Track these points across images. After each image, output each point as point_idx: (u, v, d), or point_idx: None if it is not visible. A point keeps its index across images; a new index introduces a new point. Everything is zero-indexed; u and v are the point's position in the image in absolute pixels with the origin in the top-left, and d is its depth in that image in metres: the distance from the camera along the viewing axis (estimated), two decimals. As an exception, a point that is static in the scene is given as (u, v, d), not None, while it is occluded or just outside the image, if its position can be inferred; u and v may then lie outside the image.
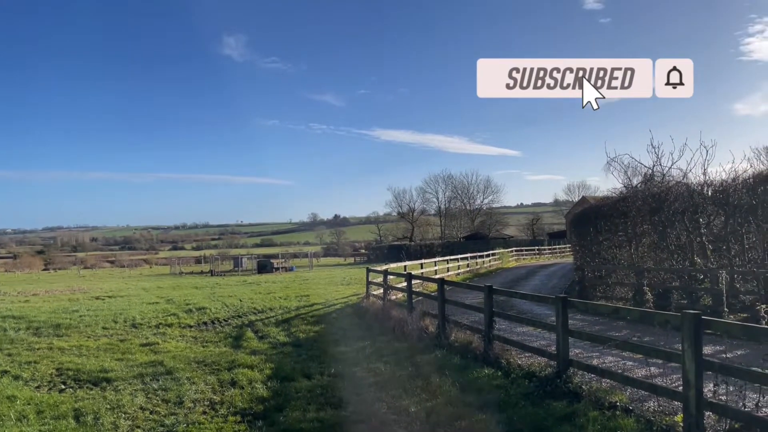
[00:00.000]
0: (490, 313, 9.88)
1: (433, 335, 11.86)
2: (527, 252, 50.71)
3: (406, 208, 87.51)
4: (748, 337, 5.53)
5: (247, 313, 17.25)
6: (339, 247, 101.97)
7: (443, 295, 11.94)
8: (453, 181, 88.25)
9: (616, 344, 7.09)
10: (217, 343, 12.70)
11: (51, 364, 10.53)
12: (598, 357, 9.31)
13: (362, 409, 7.38)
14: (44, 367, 10.28)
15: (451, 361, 9.65)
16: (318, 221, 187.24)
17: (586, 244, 18.47)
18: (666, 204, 14.54)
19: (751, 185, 12.86)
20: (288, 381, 8.85)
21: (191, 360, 10.62)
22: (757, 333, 5.20)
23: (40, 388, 9.03)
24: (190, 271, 55.59)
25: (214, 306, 18.71)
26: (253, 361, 10.29)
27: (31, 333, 14.23)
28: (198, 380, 9.05)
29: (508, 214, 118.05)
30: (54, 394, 8.52)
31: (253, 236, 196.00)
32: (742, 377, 5.16)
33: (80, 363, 10.58)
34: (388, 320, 14.15)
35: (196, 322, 15.83)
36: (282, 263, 50.38)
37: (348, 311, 17.20)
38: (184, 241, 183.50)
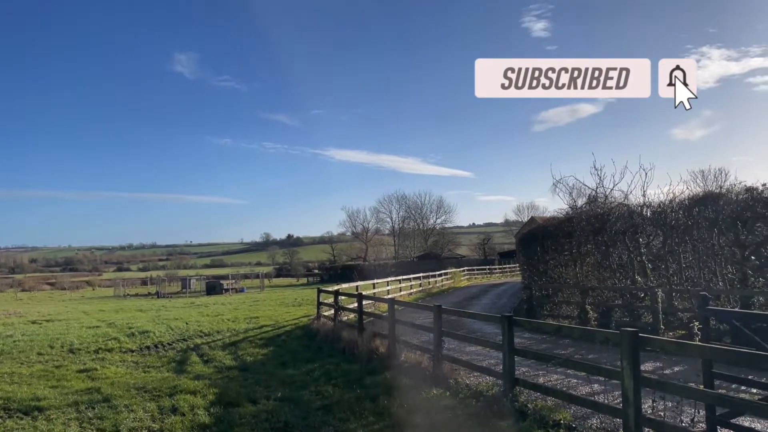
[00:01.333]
0: (440, 333, 9.89)
1: (383, 356, 11.77)
2: (478, 271, 51.36)
3: (360, 227, 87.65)
4: (682, 353, 5.71)
5: (192, 337, 16.71)
6: (292, 267, 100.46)
7: (393, 315, 11.90)
8: (407, 201, 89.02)
9: (560, 362, 7.21)
10: (159, 368, 12.23)
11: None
12: (545, 375, 9.45)
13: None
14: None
15: (400, 382, 9.58)
16: (271, 241, 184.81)
17: (533, 263, 18.85)
18: (608, 224, 15.03)
19: (686, 206, 13.44)
20: (232, 406, 8.56)
21: (131, 386, 10.16)
22: (689, 349, 5.38)
23: (-36, 419, 8.44)
24: (136, 293, 53.70)
25: (159, 329, 18.06)
26: (197, 386, 9.92)
27: (-42, 361, 13.35)
28: (137, 407, 8.64)
29: (460, 234, 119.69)
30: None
31: (203, 257, 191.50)
32: (678, 393, 5.31)
33: (11, 391, 9.96)
34: (339, 342, 13.99)
35: (139, 347, 15.21)
36: (232, 284, 49.29)
37: (298, 333, 16.92)
38: (129, 262, 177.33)
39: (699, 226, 13.06)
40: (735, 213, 12.21)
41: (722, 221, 12.41)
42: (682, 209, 13.52)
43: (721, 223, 12.45)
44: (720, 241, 12.67)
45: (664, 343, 5.81)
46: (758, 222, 12.01)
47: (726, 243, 12.55)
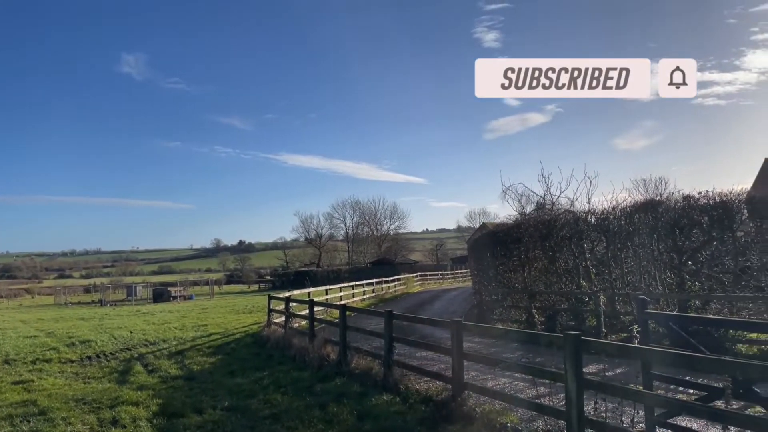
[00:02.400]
0: (390, 339, 9.91)
1: (334, 363, 11.69)
2: (431, 277, 51.83)
3: (314, 233, 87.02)
4: (621, 355, 5.93)
5: (137, 346, 16.17)
6: (243, 273, 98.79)
7: (345, 321, 11.84)
8: (360, 207, 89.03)
9: (507, 366, 7.33)
10: (100, 379, 11.76)
11: None
12: (493, 379, 9.59)
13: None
14: None
15: (350, 388, 9.53)
16: (221, 247, 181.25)
17: (483, 268, 19.15)
18: (555, 231, 15.43)
19: (628, 213, 13.95)
20: (177, 417, 8.30)
21: (69, 398, 9.71)
22: (629, 351, 5.56)
23: None
24: (78, 301, 51.70)
25: (101, 338, 17.39)
26: (140, 397, 9.59)
27: None
28: (75, 420, 8.27)
29: (414, 240, 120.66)
30: None
31: (151, 263, 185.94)
32: (617, 394, 5.48)
33: (-66, 407, 9.37)
34: (290, 349, 13.82)
35: (79, 357, 14.61)
36: (180, 291, 48.10)
37: (248, 341, 16.62)
38: (72, 269, 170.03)
39: (640, 233, 13.57)
40: (673, 220, 12.75)
41: (661, 228, 12.94)
42: (624, 216, 14.02)
43: (660, 229, 12.98)
44: (659, 246, 13.19)
45: (605, 345, 6.01)
46: (694, 228, 12.58)
47: (665, 249, 13.08)
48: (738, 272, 11.88)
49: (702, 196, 12.39)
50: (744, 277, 11.78)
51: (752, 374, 4.73)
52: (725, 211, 11.90)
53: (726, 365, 4.65)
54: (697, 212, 12.34)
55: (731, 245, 11.95)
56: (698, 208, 12.31)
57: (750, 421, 4.65)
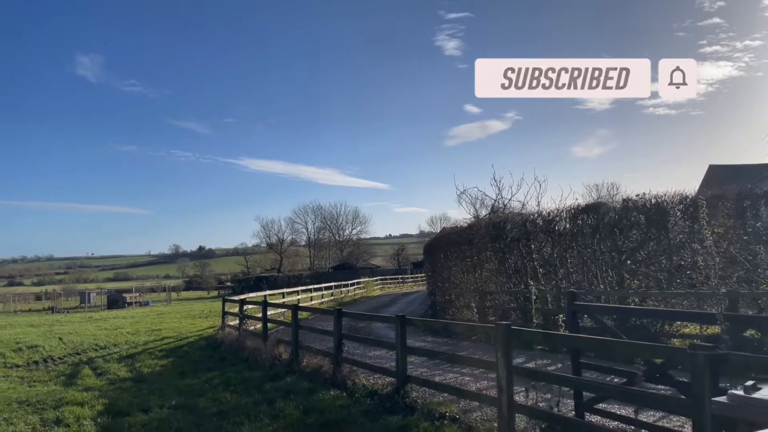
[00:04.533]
0: (339, 337, 10.10)
1: (286, 362, 11.80)
2: (392, 280, 52.15)
3: (275, 238, 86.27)
4: (547, 342, 6.28)
5: (87, 350, 15.94)
6: (203, 279, 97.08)
7: (296, 321, 11.98)
8: (322, 212, 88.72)
9: (446, 357, 7.63)
10: (46, 383, 11.60)
11: None
12: (441, 375, 9.87)
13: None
14: None
15: (299, 385, 9.68)
16: (180, 253, 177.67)
17: (437, 270, 19.53)
18: (504, 232, 15.90)
19: (572, 215, 14.51)
20: (122, 416, 8.30)
21: (12, 400, 9.56)
22: (553, 339, 5.91)
23: None
24: (29, 308, 49.93)
25: (49, 344, 17.02)
26: (85, 397, 9.51)
27: None
28: (17, 421, 8.18)
29: (377, 245, 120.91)
30: None
31: (106, 270, 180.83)
32: (545, 380, 5.82)
33: None
34: (243, 350, 13.86)
35: (26, 362, 14.34)
36: (136, 298, 47.06)
37: (201, 344, 16.54)
38: (23, 276, 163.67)
39: (583, 233, 14.13)
40: (613, 221, 13.35)
41: (602, 228, 13.52)
42: (568, 218, 14.57)
43: (602, 230, 13.56)
44: (601, 246, 13.77)
45: (533, 334, 6.36)
46: (633, 229, 13.20)
47: (606, 248, 13.67)
48: (672, 270, 12.53)
49: (639, 198, 13.01)
50: (678, 275, 12.42)
51: (661, 356, 5.13)
52: (659, 212, 12.54)
53: (638, 348, 5.03)
54: (634, 213, 12.95)
55: (666, 245, 12.59)
56: (635, 209, 12.93)
57: (656, 402, 5.04)
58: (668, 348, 4.63)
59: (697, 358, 3.97)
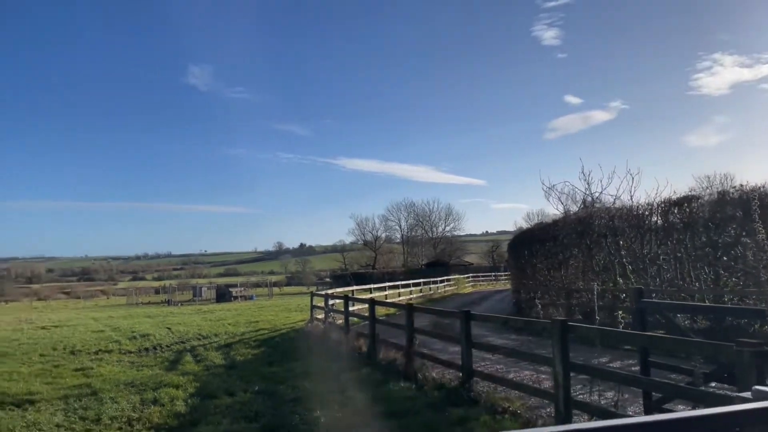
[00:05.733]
0: (411, 331, 10.35)
1: (364, 354, 12.25)
2: (484, 278, 51.59)
3: (369, 236, 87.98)
4: (603, 339, 6.11)
5: (191, 339, 17.30)
6: (303, 275, 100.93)
7: (373, 315, 12.37)
8: (415, 209, 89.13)
9: (506, 352, 7.63)
10: (152, 367, 12.79)
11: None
12: (517, 371, 9.82)
13: (275, 421, 7.68)
14: (-32, 392, 10.24)
15: (373, 377, 10.05)
16: (283, 250, 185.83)
17: (522, 267, 19.20)
18: (591, 228, 15.37)
19: (664, 210, 13.76)
20: (210, 398, 9.09)
21: (120, 382, 10.73)
22: (608, 335, 5.79)
23: (-39, 410, 9.04)
24: (148, 301, 54.59)
25: (159, 333, 18.71)
26: (181, 381, 10.47)
27: (-36, 361, 14.04)
28: (121, 399, 9.20)
29: (472, 242, 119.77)
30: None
31: (217, 266, 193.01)
32: (599, 376, 5.72)
33: (7, 387, 10.58)
34: (327, 342, 14.50)
35: (138, 348, 15.82)
36: (241, 292, 50.05)
37: (292, 335, 17.44)
38: (145, 272, 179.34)
39: (675, 228, 13.37)
40: (707, 215, 12.53)
41: (695, 223, 12.73)
42: (660, 212, 13.84)
43: (695, 224, 12.76)
44: (695, 242, 12.97)
45: (588, 330, 6.23)
46: (729, 223, 12.31)
47: (700, 244, 12.85)
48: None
49: (736, 190, 12.12)
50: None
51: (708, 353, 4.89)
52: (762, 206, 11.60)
53: (685, 345, 4.84)
54: (731, 207, 12.08)
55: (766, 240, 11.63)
56: (732, 202, 12.06)
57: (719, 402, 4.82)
58: (714, 345, 4.42)
59: (742, 354, 3.82)
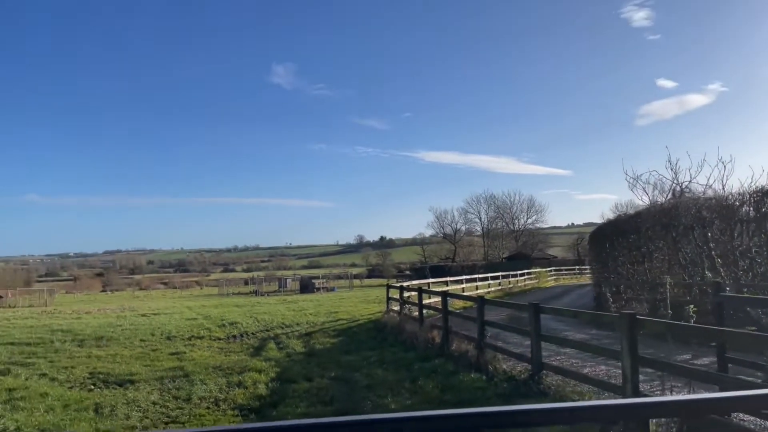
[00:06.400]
0: (482, 323, 10.42)
1: (438, 346, 12.43)
2: (567, 272, 50.06)
3: (449, 228, 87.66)
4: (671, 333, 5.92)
5: (274, 328, 18.19)
6: (384, 268, 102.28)
7: (446, 307, 12.52)
8: (495, 201, 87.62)
9: (574, 345, 7.56)
10: (238, 353, 13.63)
11: (86, 369, 11.67)
12: (593, 366, 9.67)
13: (348, 406, 8.07)
14: (79, 372, 11.43)
15: (445, 367, 10.23)
16: (364, 243, 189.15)
17: (603, 260, 18.59)
18: (676, 219, 14.66)
19: (757, 199, 12.91)
20: (289, 383, 9.65)
21: (209, 366, 11.56)
22: (674, 328, 5.65)
23: (73, 388, 10.12)
24: (238, 291, 57.44)
25: (246, 321, 19.81)
26: (264, 366, 11.15)
27: (76, 344, 15.56)
28: (209, 382, 9.97)
29: (556, 234, 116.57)
30: (82, 393, 9.61)
31: (302, 258, 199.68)
32: (666, 369, 5.60)
33: (111, 368, 11.69)
34: (402, 333, 14.79)
35: (226, 335, 16.86)
36: (323, 284, 51.57)
37: (369, 326, 17.91)
38: (235, 263, 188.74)
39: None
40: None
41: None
42: (752, 202, 13.00)
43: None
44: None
45: (655, 324, 6.07)
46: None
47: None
48: None
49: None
50: None
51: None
52: None
53: (757, 339, 4.67)
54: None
55: None
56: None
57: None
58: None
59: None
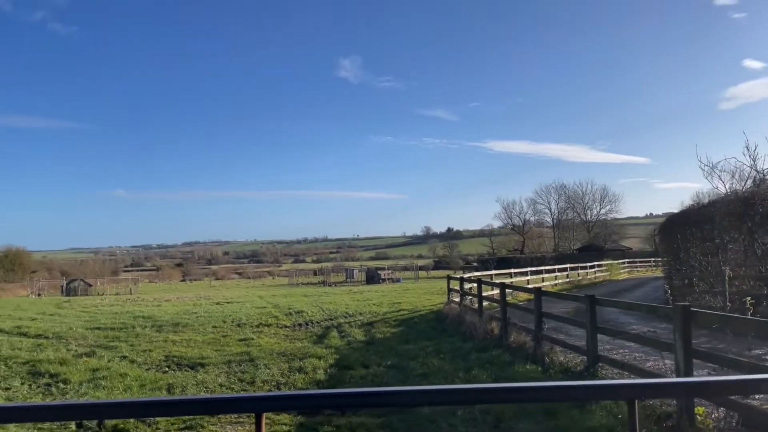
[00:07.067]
0: (539, 315, 10.35)
1: (496, 337, 12.43)
2: (642, 264, 48.03)
3: (517, 219, 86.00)
4: (726, 326, 5.70)
5: (338, 317, 18.71)
6: (450, 259, 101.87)
7: (504, 299, 12.49)
8: (566, 191, 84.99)
9: (629, 337, 7.42)
10: (302, 340, 14.17)
11: (162, 353, 12.52)
12: (656, 360, 9.40)
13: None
14: (156, 355, 12.29)
15: (501, 358, 10.25)
16: (431, 235, 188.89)
17: (673, 252, 17.82)
18: (752, 209, 13.87)
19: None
20: (347, 369, 10.00)
21: (274, 352, 12.12)
22: (727, 320, 5.47)
23: (149, 369, 10.91)
24: (307, 282, 59.13)
25: (312, 310, 20.49)
26: (324, 353, 11.57)
27: (154, 330, 16.67)
28: (273, 366, 10.49)
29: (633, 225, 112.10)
30: (157, 374, 10.34)
31: (368, 249, 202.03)
32: (720, 363, 5.44)
33: (185, 352, 12.49)
34: (462, 324, 14.86)
35: (292, 324, 17.52)
36: (389, 275, 52.16)
37: (430, 317, 18.07)
38: (305, 255, 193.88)
39: None
40: None
41: None
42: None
43: None
44: None
45: (709, 316, 5.87)
46: None
47: None
48: None
49: None
50: None
51: None
52: None
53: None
54: None
55: None
56: None
57: None
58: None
59: None
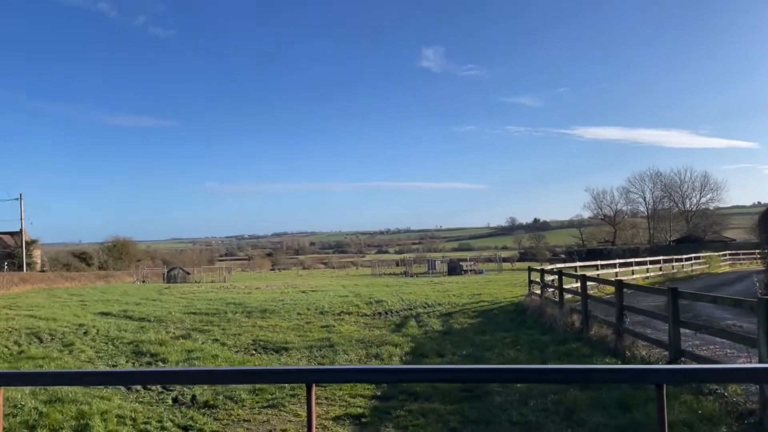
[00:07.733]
0: (621, 308, 10.03)
1: (577, 330, 12.16)
2: (746, 256, 44.55)
3: (607, 209, 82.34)
4: None
5: (417, 307, 18.96)
6: (537, 251, 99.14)
7: (585, 291, 12.18)
8: (662, 179, 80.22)
9: (714, 331, 7.06)
10: (381, 329, 14.51)
11: (250, 337, 13.29)
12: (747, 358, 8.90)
13: (472, 384, 8.34)
14: (244, 338, 13.07)
15: (580, 351, 10.05)
16: (516, 225, 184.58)
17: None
18: None
19: None
20: (422, 357, 10.18)
21: (353, 339, 12.53)
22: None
23: (238, 352, 11.62)
24: (389, 272, 59.93)
25: (392, 300, 20.88)
26: (401, 341, 11.82)
27: (244, 315, 17.67)
28: (351, 352, 10.87)
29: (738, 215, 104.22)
30: (245, 356, 11.03)
31: (451, 241, 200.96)
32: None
33: (271, 337, 13.19)
34: (542, 316, 14.62)
35: (372, 312, 17.95)
36: (471, 266, 51.76)
37: (510, 308, 17.89)
38: (387, 245, 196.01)
39: None
40: None
41: None
42: None
43: None
44: None
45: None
46: None
47: None
48: None
49: None
50: None
51: None
52: None
53: None
54: None
55: None
56: None
57: None
58: None
59: None
